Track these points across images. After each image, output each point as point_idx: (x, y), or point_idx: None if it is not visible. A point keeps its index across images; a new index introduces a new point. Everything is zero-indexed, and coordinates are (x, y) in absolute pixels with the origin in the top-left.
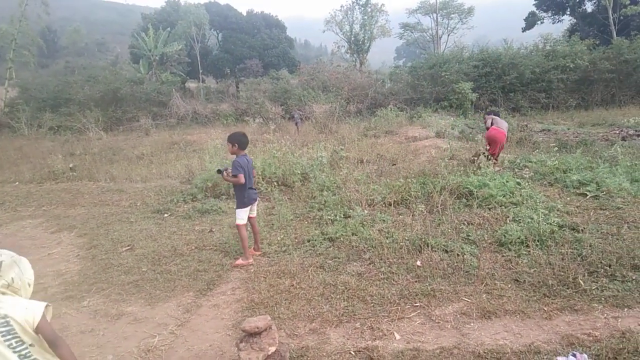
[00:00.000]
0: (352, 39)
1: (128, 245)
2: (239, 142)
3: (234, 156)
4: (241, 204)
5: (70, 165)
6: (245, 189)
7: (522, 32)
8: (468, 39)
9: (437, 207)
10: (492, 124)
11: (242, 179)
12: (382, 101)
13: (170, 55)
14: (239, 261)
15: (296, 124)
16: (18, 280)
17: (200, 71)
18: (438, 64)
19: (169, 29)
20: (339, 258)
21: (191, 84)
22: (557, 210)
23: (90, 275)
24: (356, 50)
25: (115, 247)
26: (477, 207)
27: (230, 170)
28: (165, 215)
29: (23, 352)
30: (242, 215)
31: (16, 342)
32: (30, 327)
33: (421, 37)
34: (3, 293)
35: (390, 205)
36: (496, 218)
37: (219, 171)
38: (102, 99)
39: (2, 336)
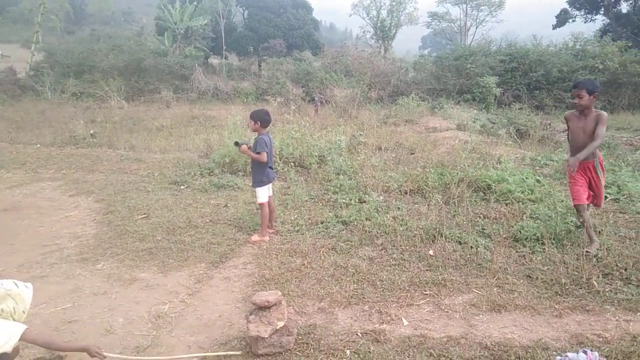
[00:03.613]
0: (379, 24)
1: (144, 214)
2: (261, 120)
3: (254, 133)
4: (259, 183)
5: (91, 132)
6: (266, 168)
7: (553, 29)
8: (496, 32)
9: (454, 198)
10: None
11: (265, 157)
12: (405, 89)
13: (195, 30)
14: (255, 237)
15: (316, 106)
16: (9, 310)
17: (224, 47)
18: (464, 55)
19: (195, 2)
20: (351, 241)
21: (214, 60)
22: None
23: (105, 239)
24: (381, 36)
25: (132, 215)
26: (494, 202)
27: (247, 146)
28: (182, 187)
29: None
30: (262, 194)
31: None
32: (9, 346)
33: (448, 28)
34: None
35: (406, 193)
36: (513, 213)
37: (237, 143)
38: (125, 69)
39: None
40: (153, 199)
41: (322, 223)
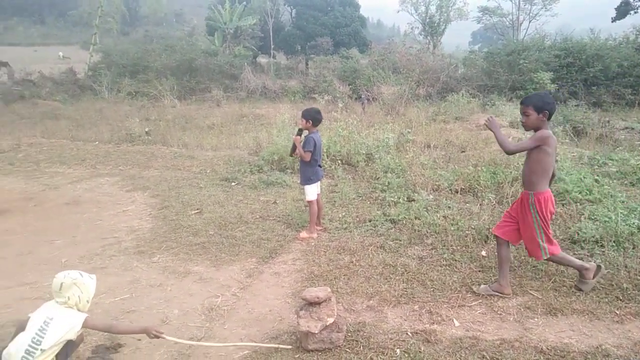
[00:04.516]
0: (427, 20)
1: (197, 209)
2: (313, 118)
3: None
4: (307, 181)
5: (146, 130)
6: (313, 166)
7: (612, 22)
8: (551, 26)
9: (507, 198)
10: None
11: (308, 156)
12: (454, 86)
13: (244, 29)
14: (303, 234)
15: (362, 104)
16: (75, 299)
17: (272, 46)
18: (517, 51)
19: (244, 2)
20: (400, 240)
21: (262, 59)
22: (639, 212)
23: (160, 233)
24: (430, 32)
25: (185, 210)
26: None
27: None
28: (233, 183)
29: (34, 348)
30: (311, 191)
31: (38, 338)
32: (73, 333)
33: (500, 22)
34: (64, 304)
35: (457, 192)
36: (570, 214)
37: (300, 131)
38: (177, 68)
39: (39, 329)
40: (205, 195)
41: (370, 221)
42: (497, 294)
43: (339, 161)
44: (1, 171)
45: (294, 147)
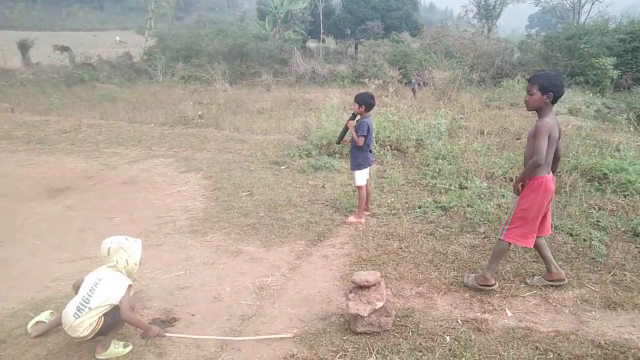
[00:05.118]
0: (482, 3)
1: (248, 191)
2: (366, 103)
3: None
4: (358, 166)
5: (199, 113)
6: (365, 152)
7: None
8: (615, 9)
9: (565, 187)
10: None
11: (361, 141)
12: (510, 71)
13: (295, 14)
14: (351, 218)
15: (413, 89)
16: (122, 262)
17: (322, 31)
18: (577, 35)
19: None
20: (451, 228)
21: (311, 44)
22: None
23: (213, 214)
24: (485, 15)
25: (236, 191)
26: (611, 193)
27: (348, 139)
28: (282, 167)
29: (83, 305)
30: (360, 177)
31: (87, 297)
32: (117, 298)
33: (560, 5)
34: (113, 267)
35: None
36: (633, 206)
37: (354, 116)
38: (229, 53)
39: (89, 289)
40: (256, 177)
41: (419, 208)
42: (551, 284)
43: (388, 147)
44: (64, 150)
45: (342, 134)
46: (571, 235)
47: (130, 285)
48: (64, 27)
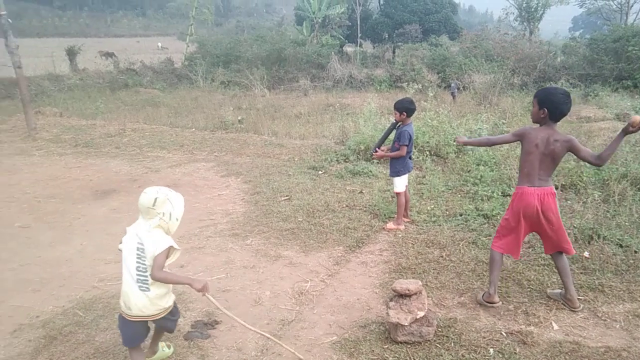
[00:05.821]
0: (524, 5)
1: (286, 196)
2: (407, 110)
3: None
4: (396, 172)
5: (239, 118)
6: (405, 158)
7: None
8: None
9: (614, 196)
10: None
11: (404, 151)
12: (552, 75)
13: (332, 18)
14: (390, 225)
15: (452, 93)
16: (168, 214)
17: (359, 35)
18: (625, 37)
19: None
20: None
21: (348, 48)
22: None
23: (253, 218)
24: (527, 17)
25: (275, 196)
26: None
27: (384, 149)
28: (320, 172)
29: (142, 266)
30: (400, 183)
31: (142, 259)
32: (151, 256)
33: (606, 6)
34: (157, 226)
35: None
36: None
37: (395, 123)
38: (267, 58)
39: (137, 256)
40: (294, 182)
41: (460, 215)
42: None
43: (428, 152)
44: (109, 154)
45: (380, 142)
46: (621, 246)
47: (171, 247)
48: (108, 34)
